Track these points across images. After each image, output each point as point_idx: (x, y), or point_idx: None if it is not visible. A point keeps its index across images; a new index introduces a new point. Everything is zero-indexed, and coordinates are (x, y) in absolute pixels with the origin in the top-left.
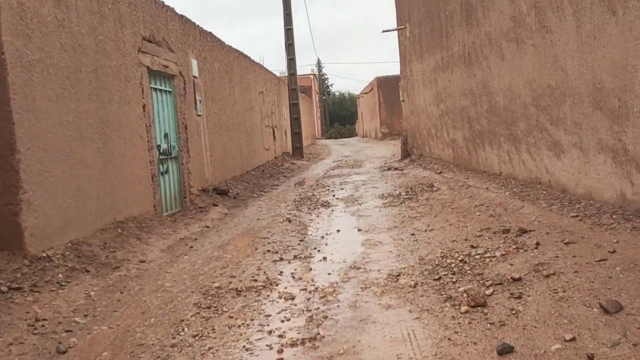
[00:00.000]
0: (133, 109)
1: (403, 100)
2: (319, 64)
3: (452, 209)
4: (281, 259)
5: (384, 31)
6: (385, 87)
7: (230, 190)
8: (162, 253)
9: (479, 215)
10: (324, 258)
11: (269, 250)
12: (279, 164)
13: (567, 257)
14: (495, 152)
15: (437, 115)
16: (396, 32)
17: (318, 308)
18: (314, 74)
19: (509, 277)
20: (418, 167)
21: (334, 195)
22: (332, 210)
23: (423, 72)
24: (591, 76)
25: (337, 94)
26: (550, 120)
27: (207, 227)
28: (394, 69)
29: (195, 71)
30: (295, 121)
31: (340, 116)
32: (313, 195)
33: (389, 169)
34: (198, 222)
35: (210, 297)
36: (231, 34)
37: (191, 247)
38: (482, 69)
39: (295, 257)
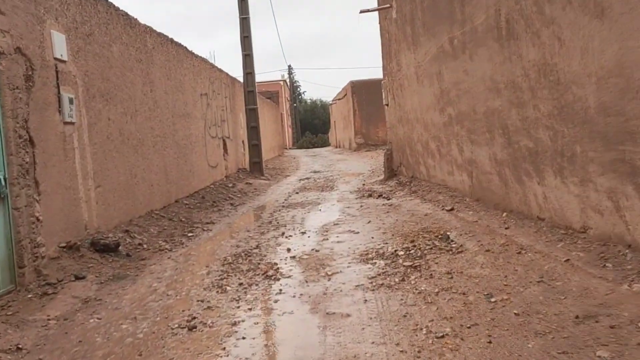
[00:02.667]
0: None
1: (387, 104)
2: (289, 70)
3: (518, 315)
4: None
5: (362, 12)
6: (361, 92)
7: (127, 240)
8: None
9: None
10: None
11: None
12: (230, 185)
13: None
14: (574, 188)
15: (440, 124)
16: (377, 16)
17: None
18: (284, 80)
19: None
20: (412, 196)
21: (288, 250)
22: (281, 291)
23: (418, 64)
24: None
25: (308, 101)
26: None
27: (18, 348)
28: (371, 74)
29: (60, 51)
30: (253, 130)
31: (312, 125)
32: (258, 246)
33: (370, 195)
34: (7, 334)
35: None
36: (204, 43)
37: None
38: (541, 43)
39: None
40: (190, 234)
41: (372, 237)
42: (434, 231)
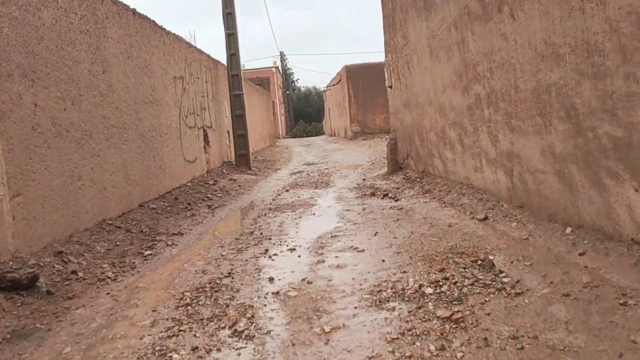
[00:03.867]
0: None
1: (390, 86)
2: (282, 57)
3: None
4: None
5: None
6: (356, 77)
7: (56, 268)
8: None
9: None
10: None
11: None
12: (211, 182)
13: None
14: None
15: (463, 107)
16: None
17: None
18: (276, 67)
19: None
20: (425, 196)
21: (271, 280)
22: None
23: (432, 34)
24: None
25: (302, 88)
26: None
27: None
28: (367, 60)
29: None
30: (239, 119)
31: (305, 113)
32: (230, 273)
33: (373, 194)
34: None
35: None
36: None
37: None
38: None
39: None
40: (148, 252)
41: (383, 260)
42: (469, 253)
